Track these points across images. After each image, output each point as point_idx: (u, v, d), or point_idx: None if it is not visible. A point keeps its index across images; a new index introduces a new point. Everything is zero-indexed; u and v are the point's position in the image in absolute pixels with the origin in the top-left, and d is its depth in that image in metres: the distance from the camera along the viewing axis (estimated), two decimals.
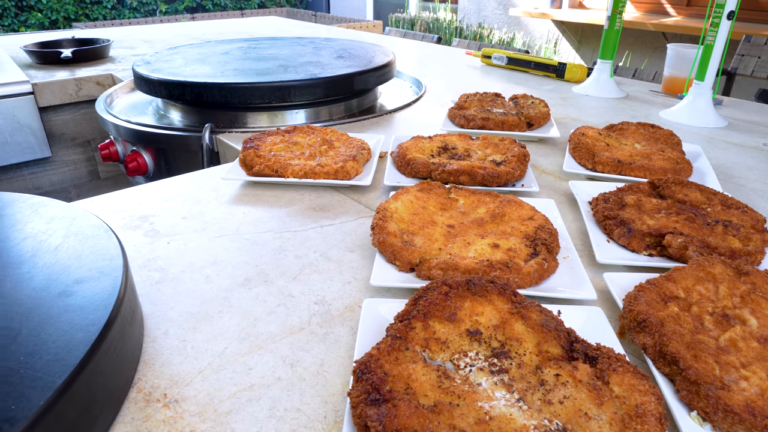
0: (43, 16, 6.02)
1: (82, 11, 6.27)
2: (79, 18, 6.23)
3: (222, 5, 6.86)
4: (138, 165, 1.12)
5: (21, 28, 5.89)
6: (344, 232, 0.66)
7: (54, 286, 0.44)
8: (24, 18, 5.96)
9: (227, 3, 6.91)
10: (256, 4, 7.03)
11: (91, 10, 6.34)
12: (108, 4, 6.39)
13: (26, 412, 0.32)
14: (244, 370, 0.45)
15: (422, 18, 3.72)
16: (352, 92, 1.18)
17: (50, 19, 6.05)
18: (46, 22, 6.01)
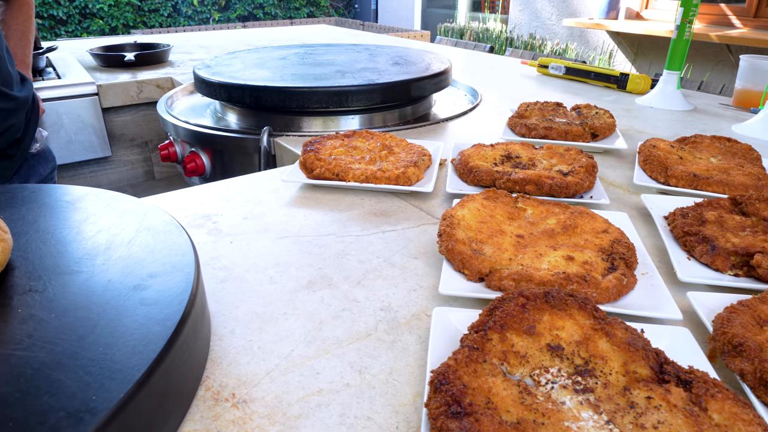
0: (104, 23, 6.29)
1: (140, 19, 6.53)
2: (137, 25, 6.49)
3: (272, 14, 7.02)
4: (196, 166, 1.14)
5: (83, 34, 6.18)
6: (407, 239, 0.64)
7: (129, 279, 0.44)
8: (86, 25, 6.25)
9: (277, 12, 7.06)
10: (305, 13, 7.16)
11: (149, 17, 6.59)
12: (164, 12, 6.63)
13: (106, 404, 0.31)
14: (312, 374, 0.44)
15: (471, 28, 3.70)
16: (408, 99, 1.17)
17: (110, 26, 6.32)
18: (106, 28, 6.28)
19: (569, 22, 3.35)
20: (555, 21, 3.70)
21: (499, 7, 4.82)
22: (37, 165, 0.98)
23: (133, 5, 6.38)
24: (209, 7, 6.79)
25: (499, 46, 3.53)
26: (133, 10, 6.40)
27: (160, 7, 6.57)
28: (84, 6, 6.09)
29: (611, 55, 3.41)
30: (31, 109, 0.93)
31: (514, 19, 3.99)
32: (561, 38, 3.72)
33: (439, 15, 5.95)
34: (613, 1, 3.30)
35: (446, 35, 3.99)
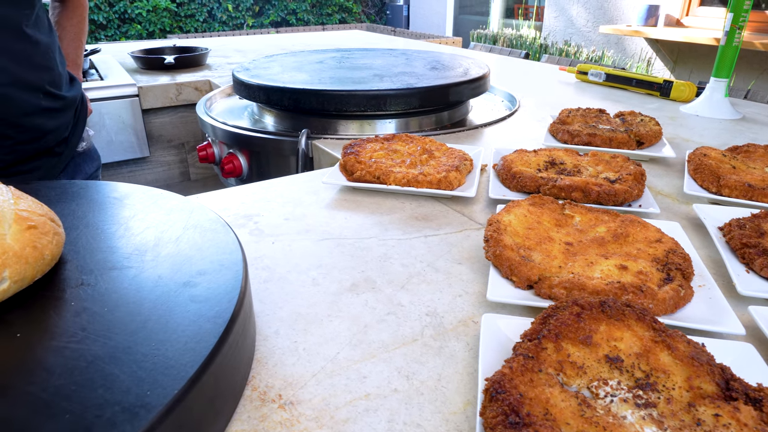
0: (142, 27, 6.46)
1: (176, 24, 6.69)
2: (174, 30, 6.65)
3: (305, 20, 7.10)
4: (233, 167, 1.15)
5: (122, 38, 6.35)
6: (450, 244, 0.63)
7: (178, 275, 0.44)
8: (125, 29, 6.42)
9: (309, 18, 7.15)
10: (337, 19, 7.23)
11: (185, 22, 6.74)
12: (200, 17, 6.77)
13: (161, 399, 0.31)
14: (359, 377, 0.43)
15: (505, 35, 3.68)
16: (446, 104, 1.16)
17: (148, 30, 6.49)
18: (144, 33, 6.44)
19: (606, 29, 3.29)
20: (591, 28, 3.65)
21: (533, 14, 4.78)
22: (83, 163, 1.00)
23: (170, 11, 6.54)
24: (243, 12, 6.92)
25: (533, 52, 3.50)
26: (170, 15, 6.56)
27: (195, 12, 6.72)
28: (123, 11, 6.27)
29: (649, 62, 3.34)
30: (79, 109, 0.95)
31: (548, 26, 3.95)
32: (597, 45, 3.67)
33: (471, 22, 5.94)
34: (652, 8, 3.23)
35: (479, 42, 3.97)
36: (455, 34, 6.20)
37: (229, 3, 6.79)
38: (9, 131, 0.79)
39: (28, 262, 0.41)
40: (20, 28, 0.79)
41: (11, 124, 0.79)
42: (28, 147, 0.82)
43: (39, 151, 0.85)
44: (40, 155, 0.86)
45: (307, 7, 7.11)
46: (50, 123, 0.85)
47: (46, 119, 0.84)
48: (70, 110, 0.91)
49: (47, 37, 0.85)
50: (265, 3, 6.95)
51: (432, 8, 6.51)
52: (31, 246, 0.41)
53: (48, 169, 0.89)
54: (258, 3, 6.94)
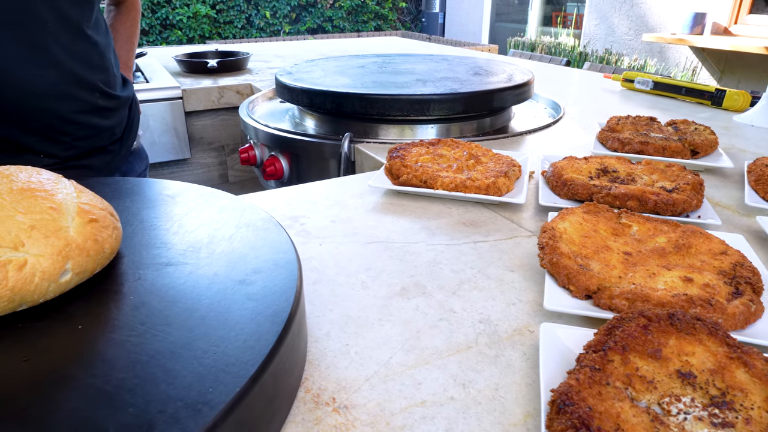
0: (182, 33, 6.63)
1: (215, 30, 6.83)
2: (213, 36, 6.79)
3: (340, 27, 7.17)
4: (275, 169, 1.16)
5: (163, 43, 6.53)
6: (500, 251, 0.62)
7: (233, 273, 0.43)
8: (166, 35, 6.60)
9: (345, 25, 7.21)
10: (372, 27, 7.28)
11: (223, 29, 6.89)
12: (238, 24, 6.91)
13: (223, 397, 0.31)
14: (413, 383, 0.42)
15: (543, 42, 3.64)
16: (490, 110, 1.15)
17: (188, 36, 6.65)
18: (184, 39, 6.61)
19: (649, 37, 3.22)
20: (633, 36, 3.57)
21: (571, 22, 4.71)
22: (133, 162, 1.02)
23: (209, 17, 6.69)
24: (281, 19, 7.03)
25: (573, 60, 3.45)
26: (209, 21, 6.71)
27: (234, 19, 6.86)
28: (165, 17, 6.45)
29: (694, 71, 3.25)
30: (132, 109, 0.97)
31: (588, 33, 3.88)
32: (639, 54, 3.59)
33: (507, 29, 5.89)
34: (698, 16, 3.15)
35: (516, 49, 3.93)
36: (491, 42, 6.16)
37: (267, 10, 6.91)
38: (67, 128, 0.81)
39: (89, 255, 0.41)
40: (81, 28, 0.81)
41: (70, 121, 0.81)
42: (84, 144, 0.84)
43: (94, 148, 0.87)
44: (94, 152, 0.88)
45: (343, 15, 7.18)
46: (105, 122, 0.87)
47: (101, 118, 0.86)
48: (123, 110, 0.93)
49: (104, 38, 0.87)
50: (302, 10, 7.05)
51: (468, 16, 6.49)
52: (93, 239, 0.42)
53: (102, 166, 0.91)
54: (295, 10, 7.05)
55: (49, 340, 0.37)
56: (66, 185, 0.45)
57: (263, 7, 6.89)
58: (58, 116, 0.80)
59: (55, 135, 0.81)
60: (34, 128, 0.79)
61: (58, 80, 0.78)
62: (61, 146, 0.83)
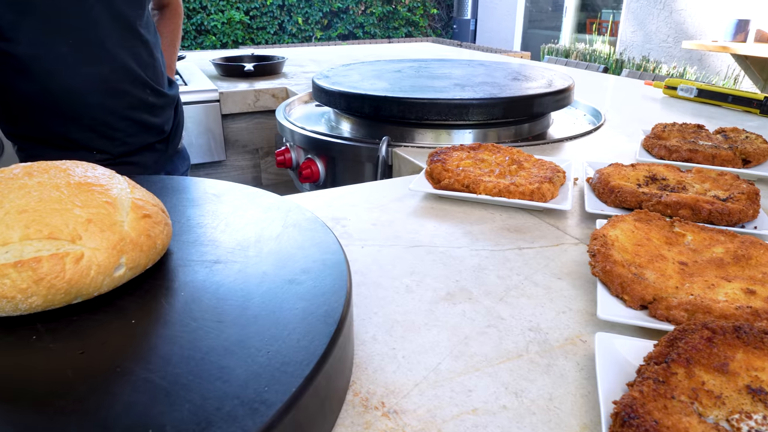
0: (216, 39, 6.75)
1: (248, 36, 6.94)
2: (245, 42, 6.91)
3: (371, 34, 7.21)
4: (311, 172, 1.16)
5: (197, 48, 6.66)
6: (547, 257, 0.60)
7: (283, 272, 0.43)
8: (201, 40, 6.73)
9: (376, 32, 7.25)
10: (403, 33, 7.30)
11: (256, 35, 6.99)
12: (271, 30, 7.01)
13: (280, 396, 0.30)
14: (464, 390, 0.41)
15: (578, 49, 3.59)
16: (529, 115, 1.13)
17: (221, 42, 6.77)
18: (218, 44, 6.73)
19: (689, 44, 3.14)
20: (671, 43, 3.49)
21: (607, 29, 4.64)
22: (177, 162, 1.04)
23: (243, 23, 6.80)
24: (312, 25, 7.10)
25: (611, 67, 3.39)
26: (242, 27, 6.82)
27: (267, 25, 6.96)
28: (200, 23, 6.58)
29: (736, 80, 3.16)
30: (178, 109, 0.99)
31: (624, 40, 3.81)
32: (677, 61, 3.50)
33: (540, 36, 5.84)
34: (741, 23, 3.06)
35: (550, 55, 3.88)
36: (523, 49, 6.11)
37: (300, 16, 7.00)
38: (120, 124, 0.83)
39: (142, 250, 0.41)
40: (134, 26, 0.83)
41: (122, 117, 0.83)
42: (134, 140, 0.86)
43: (143, 146, 0.89)
44: (143, 150, 0.90)
45: (374, 21, 7.22)
46: (154, 119, 0.89)
47: (151, 115, 0.88)
48: (170, 109, 0.94)
49: (153, 37, 0.90)
50: (334, 16, 7.11)
51: (500, 23, 6.46)
52: (146, 234, 0.42)
53: (149, 165, 0.93)
54: (327, 16, 7.11)
55: (104, 333, 0.37)
56: (120, 181, 0.46)
57: (296, 13, 6.98)
58: (111, 112, 0.82)
59: (108, 131, 0.83)
60: (89, 125, 0.81)
61: (112, 76, 0.80)
62: (113, 143, 0.85)
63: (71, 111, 0.80)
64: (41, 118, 0.80)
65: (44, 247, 0.37)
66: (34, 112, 0.80)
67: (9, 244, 0.37)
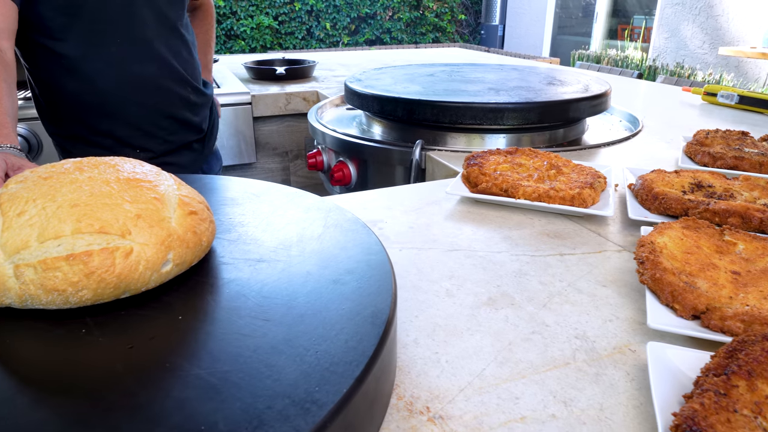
0: (245, 44, 6.84)
1: (276, 41, 7.02)
2: (274, 47, 6.99)
3: (398, 39, 7.23)
4: (343, 175, 1.16)
5: (227, 53, 6.76)
6: (590, 264, 0.59)
7: (327, 272, 0.43)
8: (230, 45, 6.83)
9: (403, 37, 7.27)
10: (430, 39, 7.30)
11: (284, 40, 7.07)
12: (299, 35, 7.08)
13: (331, 397, 0.30)
14: (511, 398, 0.40)
15: (609, 56, 3.54)
16: (565, 120, 1.11)
17: (250, 46, 6.86)
18: (246, 49, 6.82)
19: (726, 50, 3.07)
20: (707, 50, 3.42)
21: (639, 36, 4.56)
22: (212, 162, 1.05)
23: (272, 28, 6.89)
24: (340, 31, 7.15)
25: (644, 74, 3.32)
26: (271, 32, 6.91)
27: (295, 30, 7.03)
28: (230, 28, 6.68)
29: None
30: (213, 109, 1.00)
31: (657, 47, 3.74)
32: (713, 68, 3.42)
33: (570, 42, 5.77)
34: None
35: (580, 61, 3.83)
36: (552, 55, 6.05)
37: (327, 22, 7.05)
38: (164, 122, 0.85)
39: (188, 247, 0.41)
40: (176, 26, 0.85)
41: (167, 115, 0.85)
42: (176, 139, 0.88)
43: (183, 144, 0.90)
44: (182, 149, 0.91)
45: (401, 27, 7.24)
46: (195, 117, 0.90)
47: (192, 113, 0.89)
48: (207, 107, 0.96)
49: (192, 37, 0.92)
50: (361, 22, 7.15)
51: (529, 28, 6.41)
52: (192, 231, 0.42)
53: (187, 164, 0.95)
54: (354, 22, 7.16)
55: (151, 328, 0.37)
56: (166, 177, 0.46)
57: (324, 18, 7.04)
58: (156, 110, 0.84)
59: (152, 129, 0.85)
60: (134, 123, 0.83)
61: (158, 74, 0.82)
62: (156, 141, 0.87)
63: (118, 109, 0.82)
64: (88, 117, 0.82)
65: (95, 241, 0.38)
66: (81, 111, 0.82)
67: (61, 237, 0.37)
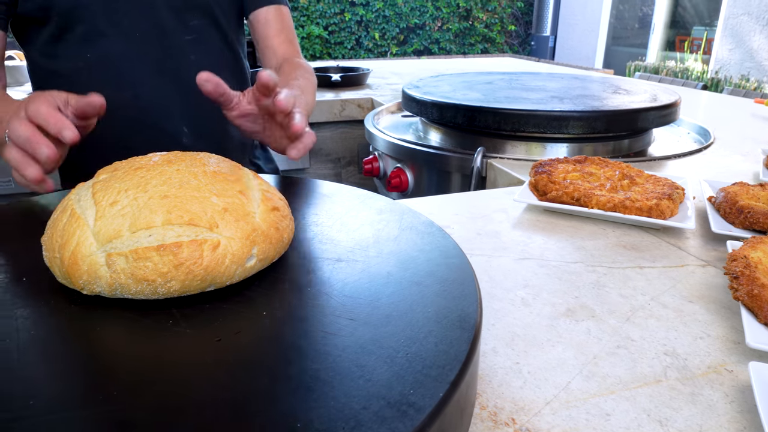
0: None
1: (326, 50, 7.13)
2: (323, 56, 7.10)
3: (446, 50, 7.22)
4: (400, 181, 1.16)
5: None
6: (672, 279, 0.56)
7: (407, 274, 0.42)
8: None
9: (452, 48, 7.26)
10: (479, 49, 7.26)
11: (334, 49, 7.18)
12: (348, 45, 7.17)
13: (427, 401, 0.29)
14: (601, 414, 0.38)
15: (668, 67, 3.42)
16: (632, 130, 1.07)
17: None
18: None
19: None
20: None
21: (700, 47, 4.39)
22: (266, 162, 1.07)
23: (322, 38, 7.00)
24: (389, 41, 7.21)
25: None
26: (321, 42, 7.02)
27: (344, 40, 7.13)
28: None
29: None
30: None
31: (720, 59, 3.59)
32: None
33: (624, 54, 5.63)
34: None
35: (639, 72, 3.72)
36: (605, 66, 5.91)
37: (377, 32, 7.12)
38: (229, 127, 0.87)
39: (271, 242, 0.41)
40: (233, 43, 0.89)
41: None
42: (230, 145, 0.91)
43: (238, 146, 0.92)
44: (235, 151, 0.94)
45: (450, 37, 7.23)
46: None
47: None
48: None
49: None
50: (410, 32, 7.19)
51: (581, 39, 6.29)
52: (275, 227, 0.42)
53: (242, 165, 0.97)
54: (403, 32, 7.20)
55: (237, 322, 0.37)
56: (247, 173, 0.46)
57: (373, 29, 7.11)
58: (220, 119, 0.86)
59: (212, 136, 0.87)
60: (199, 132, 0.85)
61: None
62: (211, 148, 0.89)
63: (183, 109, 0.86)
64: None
65: (184, 232, 0.38)
66: None
67: (152, 227, 0.38)
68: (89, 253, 0.38)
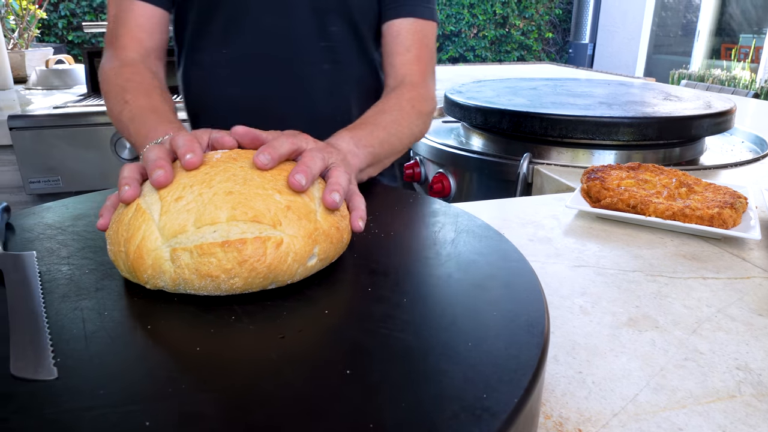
0: None
1: None
2: None
3: (482, 57, 7.18)
4: (442, 186, 1.15)
5: None
6: (739, 291, 0.53)
7: (468, 277, 0.41)
8: None
9: (487, 55, 7.21)
10: (515, 57, 7.20)
11: None
12: None
13: (502, 406, 0.28)
14: (673, 428, 0.36)
15: (714, 75, 3.32)
16: (685, 137, 1.04)
17: None
18: None
19: None
20: None
21: (747, 55, 4.25)
22: None
23: None
24: None
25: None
26: None
27: None
28: None
29: None
30: None
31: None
32: None
33: (666, 62, 5.49)
34: None
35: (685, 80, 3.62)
36: (647, 75, 5.78)
37: None
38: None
39: (332, 242, 0.41)
40: (371, 55, 0.87)
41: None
42: None
43: None
44: None
45: (486, 44, 7.19)
46: None
47: None
48: None
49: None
50: (446, 39, 7.17)
51: (621, 47, 6.17)
52: (335, 227, 0.42)
53: None
54: (438, 39, 7.19)
55: (299, 320, 0.37)
56: None
57: None
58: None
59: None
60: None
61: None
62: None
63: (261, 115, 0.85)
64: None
65: (248, 229, 0.38)
66: None
67: (217, 223, 0.38)
68: (154, 248, 0.38)
